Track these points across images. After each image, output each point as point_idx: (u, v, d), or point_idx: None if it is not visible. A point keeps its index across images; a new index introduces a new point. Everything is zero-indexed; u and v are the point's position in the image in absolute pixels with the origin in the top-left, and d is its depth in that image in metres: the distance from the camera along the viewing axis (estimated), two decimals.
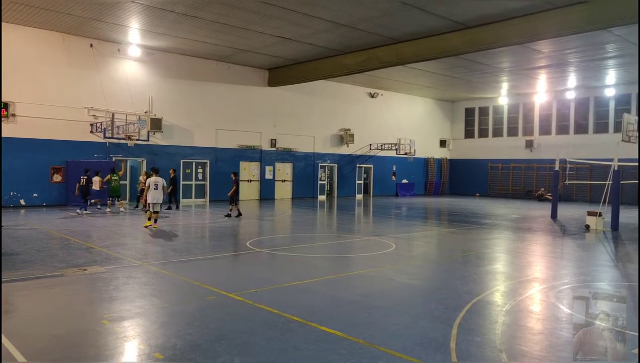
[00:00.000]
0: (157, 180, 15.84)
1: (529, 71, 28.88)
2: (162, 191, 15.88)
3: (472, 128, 40.91)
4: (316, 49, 23.84)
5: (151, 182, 15.77)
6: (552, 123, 36.02)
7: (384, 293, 8.49)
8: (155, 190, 15.64)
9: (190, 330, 6.20)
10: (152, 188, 15.63)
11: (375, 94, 35.56)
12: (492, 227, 18.51)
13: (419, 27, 20.02)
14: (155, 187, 15.66)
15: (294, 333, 6.20)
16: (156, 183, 15.71)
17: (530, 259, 12.35)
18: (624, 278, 10.19)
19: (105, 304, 7.33)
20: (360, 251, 13.14)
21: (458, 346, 5.86)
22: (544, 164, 34.94)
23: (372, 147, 35.52)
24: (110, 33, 21.96)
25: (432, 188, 40.25)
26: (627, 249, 14.21)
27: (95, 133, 22.94)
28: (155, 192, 15.63)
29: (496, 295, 8.45)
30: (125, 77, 24.08)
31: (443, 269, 11.06)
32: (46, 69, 21.78)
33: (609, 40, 21.92)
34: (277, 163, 30.56)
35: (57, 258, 10.53)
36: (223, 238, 14.56)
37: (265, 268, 10.79)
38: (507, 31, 18.89)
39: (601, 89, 32.97)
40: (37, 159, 21.44)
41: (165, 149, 25.43)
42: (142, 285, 8.56)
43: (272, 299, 7.69)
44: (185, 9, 18.45)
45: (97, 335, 6.04)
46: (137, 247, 12.53)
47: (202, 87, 26.77)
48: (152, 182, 15.76)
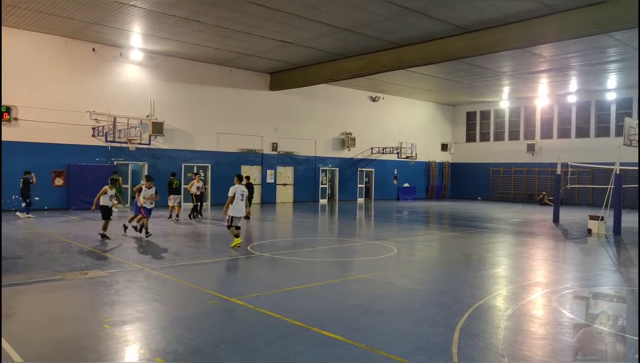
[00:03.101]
0: (243, 189, 13.22)
1: (530, 75, 28.88)
2: (245, 202, 13.31)
3: (474, 132, 40.91)
4: (317, 53, 23.88)
5: (237, 191, 12.89)
6: (554, 127, 36.01)
7: (386, 298, 8.46)
8: (241, 201, 13.06)
9: (191, 335, 6.18)
10: (238, 199, 12.93)
11: (376, 98, 35.58)
12: (494, 231, 18.47)
13: (420, 31, 20.04)
14: (241, 197, 13.04)
15: (295, 338, 6.18)
16: (242, 193, 13.08)
17: (532, 263, 12.32)
18: (626, 282, 10.16)
19: (106, 308, 7.32)
20: (362, 255, 13.12)
21: (460, 351, 5.84)
22: (545, 168, 34.91)
23: (374, 151, 35.52)
24: (113, 37, 22.02)
25: (433, 192, 40.22)
26: (630, 253, 14.17)
27: (97, 137, 22.98)
28: (241, 204, 13.07)
29: (498, 299, 8.42)
30: (127, 81, 24.13)
31: (445, 273, 11.04)
32: (48, 73, 21.83)
33: (610, 45, 21.93)
34: (279, 167, 30.57)
35: (58, 262, 10.53)
36: (224, 242, 14.53)
37: (267, 273, 10.77)
38: (508, 35, 18.90)
39: (602, 92, 32.95)
40: (39, 163, 21.44)
41: (166, 152, 25.46)
42: (143, 289, 8.55)
43: (273, 303, 7.68)
44: (186, 13, 18.50)
45: (98, 340, 6.02)
46: (138, 250, 12.52)
47: (203, 91, 26.81)
48: (238, 191, 12.91)
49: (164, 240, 14.37)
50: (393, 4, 17.09)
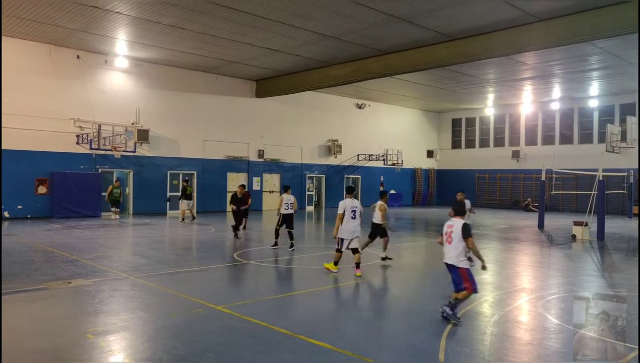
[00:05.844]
0: (356, 204, 10.61)
1: (515, 82, 29.21)
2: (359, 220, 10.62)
3: (459, 138, 41.21)
4: (304, 60, 23.93)
5: (347, 207, 10.39)
6: (538, 133, 36.41)
7: (372, 305, 8.45)
8: (353, 219, 10.39)
9: (177, 344, 6.12)
10: (349, 217, 10.37)
11: (362, 105, 35.73)
12: (480, 237, 18.56)
13: (406, 38, 20.18)
14: (353, 214, 10.39)
15: (282, 346, 6.14)
16: (354, 209, 10.47)
17: (518, 269, 12.40)
18: (610, 287, 10.26)
19: (90, 318, 7.22)
20: (348, 262, 13.08)
21: (447, 357, 5.85)
22: (530, 174, 35.26)
23: (360, 158, 35.62)
24: (97, 44, 21.87)
25: (419, 199, 40.38)
26: (613, 259, 14.34)
27: (81, 144, 22.74)
28: (353, 224, 10.42)
29: (484, 305, 8.46)
30: (112, 88, 23.97)
31: (431, 280, 11.06)
32: (32, 80, 21.60)
33: (592, 53, 22.27)
34: (265, 174, 30.50)
35: (41, 271, 10.37)
36: (210, 250, 14.44)
37: (253, 281, 10.71)
38: (493, 43, 19.12)
39: (585, 100, 33.42)
40: (22, 171, 21.17)
41: (152, 160, 25.29)
42: (128, 298, 8.45)
43: (260, 311, 7.63)
44: (172, 21, 18.44)
45: (82, 350, 5.94)
46: (123, 259, 12.39)
47: (189, 98, 26.72)
48: (347, 207, 10.39)
49: (149, 248, 14.24)
50: (379, 12, 17.20)
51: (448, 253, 7.37)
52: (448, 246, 7.36)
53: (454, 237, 7.28)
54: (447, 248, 7.39)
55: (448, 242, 7.36)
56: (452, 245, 7.29)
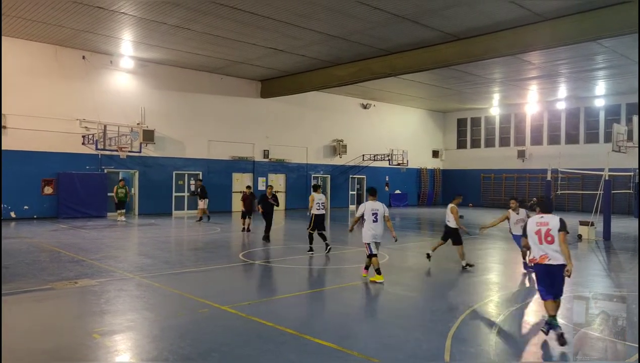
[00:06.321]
0: (377, 207, 10.10)
1: (520, 82, 29.10)
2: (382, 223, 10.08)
3: (465, 138, 41.11)
4: (309, 60, 23.93)
5: (366, 209, 10.03)
6: (544, 133, 36.26)
7: (378, 305, 8.45)
8: (374, 222, 9.96)
9: (182, 344, 6.13)
10: (371, 219, 9.97)
11: (367, 105, 35.68)
12: (486, 237, 18.51)
13: (411, 38, 20.15)
14: (374, 217, 9.95)
15: (288, 346, 6.14)
16: (375, 212, 10.00)
17: (523, 269, 12.34)
18: (617, 287, 10.21)
19: (96, 318, 7.24)
20: (353, 262, 13.07)
21: (452, 357, 5.83)
22: (536, 174, 35.12)
23: (365, 158, 35.58)
24: (103, 45, 21.95)
25: (425, 199, 40.31)
26: (619, 259, 14.26)
27: (87, 145, 22.83)
28: (375, 227, 9.97)
29: (490, 305, 8.43)
30: (117, 88, 24.05)
31: (436, 280, 11.04)
32: (38, 81, 21.70)
33: (599, 52, 22.15)
34: (270, 174, 30.52)
35: (47, 272, 10.42)
36: (215, 250, 14.45)
37: (258, 281, 10.72)
38: (498, 43, 19.06)
39: (591, 99, 33.25)
40: (28, 171, 21.27)
41: (157, 160, 25.35)
42: (134, 298, 8.47)
43: (266, 311, 7.64)
44: (177, 21, 18.49)
45: (88, 350, 5.96)
46: (129, 259, 12.42)
47: (194, 99, 26.77)
48: (367, 209, 10.02)
49: (154, 248, 14.27)
50: (384, 12, 17.18)
51: (553, 254, 6.40)
52: (549, 246, 6.42)
53: (554, 234, 6.43)
54: (547, 248, 6.44)
55: (548, 241, 6.44)
56: (554, 245, 6.41)
